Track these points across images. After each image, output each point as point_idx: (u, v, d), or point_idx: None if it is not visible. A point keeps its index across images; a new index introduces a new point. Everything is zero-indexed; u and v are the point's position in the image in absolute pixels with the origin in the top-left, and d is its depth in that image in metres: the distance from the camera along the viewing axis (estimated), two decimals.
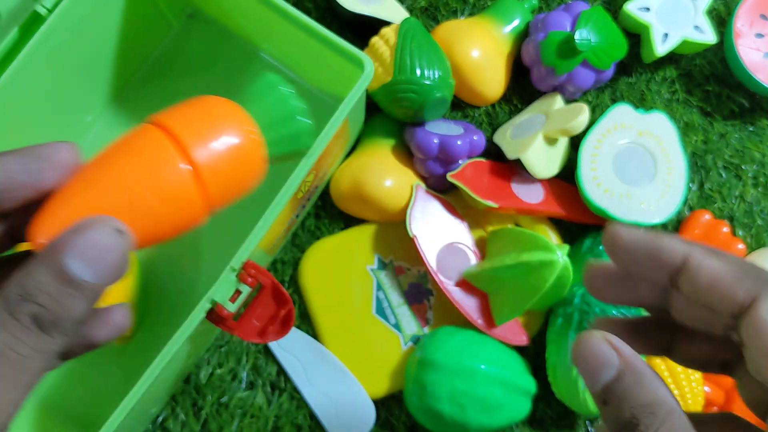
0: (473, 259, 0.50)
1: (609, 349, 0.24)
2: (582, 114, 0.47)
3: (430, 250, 0.49)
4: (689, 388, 0.47)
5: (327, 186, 0.53)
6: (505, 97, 0.55)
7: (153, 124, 0.28)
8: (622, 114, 0.50)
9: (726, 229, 0.51)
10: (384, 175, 0.49)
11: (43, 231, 0.25)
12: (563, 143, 0.51)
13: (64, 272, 0.21)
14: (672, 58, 0.55)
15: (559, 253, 0.44)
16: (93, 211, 0.25)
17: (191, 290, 0.52)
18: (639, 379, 0.23)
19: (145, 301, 0.52)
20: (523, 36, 0.53)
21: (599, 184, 0.48)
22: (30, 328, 0.21)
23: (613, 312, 0.44)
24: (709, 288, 0.24)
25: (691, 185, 0.53)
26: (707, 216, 0.51)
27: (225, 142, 0.29)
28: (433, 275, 0.49)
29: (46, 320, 0.21)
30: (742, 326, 0.23)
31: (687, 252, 0.24)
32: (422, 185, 0.50)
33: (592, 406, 0.45)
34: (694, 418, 0.23)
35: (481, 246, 0.51)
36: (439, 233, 0.49)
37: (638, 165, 0.49)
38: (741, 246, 0.50)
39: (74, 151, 0.25)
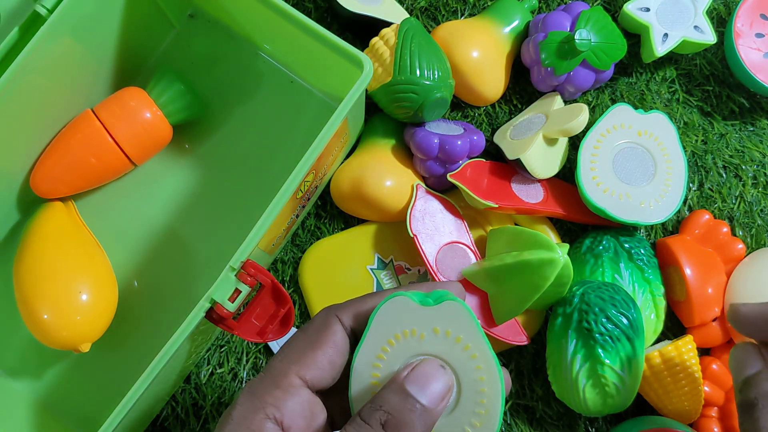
0: (473, 259, 0.50)
1: (758, 354, 0.35)
2: (582, 114, 0.47)
3: (429, 250, 0.49)
4: (689, 387, 0.47)
5: (327, 186, 0.53)
6: (505, 97, 0.55)
7: (91, 110, 0.50)
8: (621, 114, 0.50)
9: (726, 229, 0.51)
10: (384, 175, 0.49)
11: (40, 179, 0.50)
12: (563, 143, 0.51)
13: (404, 390, 0.28)
14: (672, 58, 0.55)
15: (560, 252, 0.44)
16: (63, 165, 0.49)
17: (191, 290, 0.52)
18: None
19: (145, 301, 0.52)
20: (523, 36, 0.53)
21: (599, 184, 0.48)
22: (378, 430, 0.28)
23: (613, 312, 0.44)
24: None
25: (690, 185, 0.53)
26: (707, 216, 0.51)
27: (134, 116, 0.49)
28: (433, 274, 0.49)
29: (391, 424, 0.28)
30: None
31: None
32: (422, 185, 0.50)
33: (591, 405, 0.45)
34: None
35: (481, 245, 0.51)
36: (439, 233, 0.49)
37: (638, 165, 0.49)
38: (741, 246, 0.50)
39: None
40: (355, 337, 0.32)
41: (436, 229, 0.50)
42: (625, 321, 0.44)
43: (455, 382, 0.31)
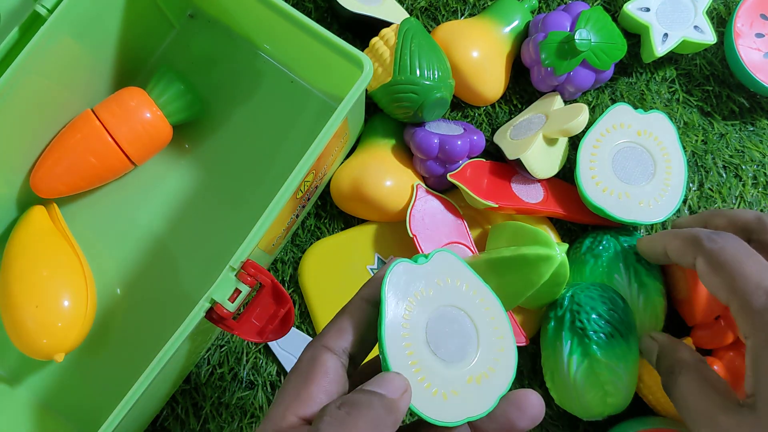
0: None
1: (651, 341, 0.41)
2: (581, 114, 0.47)
3: (429, 250, 0.49)
4: None
5: (327, 186, 0.53)
6: (505, 97, 0.55)
7: (91, 110, 0.50)
8: (621, 114, 0.50)
9: None
10: (384, 175, 0.49)
11: (40, 179, 0.50)
12: (563, 143, 0.51)
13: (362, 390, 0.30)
14: (672, 58, 0.55)
15: (558, 249, 0.44)
16: (63, 165, 0.49)
17: (190, 289, 0.52)
18: (666, 352, 0.39)
19: (145, 300, 0.52)
20: (523, 36, 0.53)
21: (598, 183, 0.48)
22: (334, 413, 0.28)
23: (604, 309, 0.44)
24: None
25: (690, 185, 0.53)
26: None
27: (134, 116, 0.49)
28: None
29: (347, 402, 0.29)
30: None
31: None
32: (422, 185, 0.50)
33: (592, 406, 0.45)
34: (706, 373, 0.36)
35: (481, 244, 0.51)
36: (438, 233, 0.49)
37: (637, 164, 0.49)
38: None
39: (542, 401, 0.31)
40: (349, 358, 0.33)
41: (436, 229, 0.50)
42: (617, 317, 0.44)
43: (473, 327, 0.33)
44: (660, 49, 0.52)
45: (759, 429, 0.30)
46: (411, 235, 0.49)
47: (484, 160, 0.51)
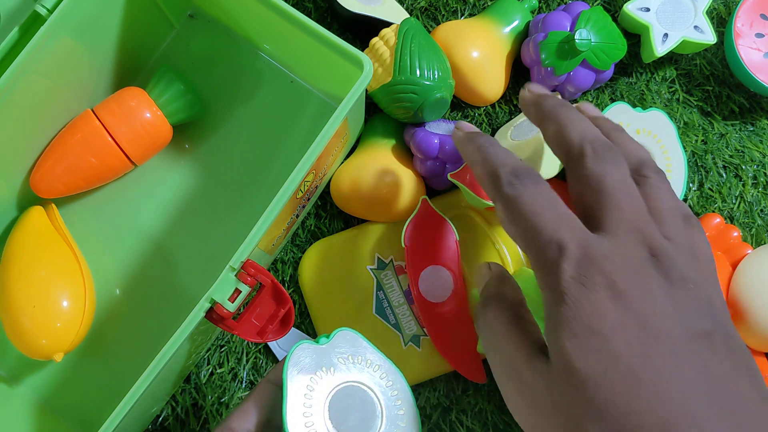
0: (453, 285, 0.49)
1: (487, 269, 0.38)
2: None
3: (416, 265, 0.49)
4: None
5: (327, 186, 0.53)
6: (505, 98, 0.55)
7: (91, 110, 0.50)
8: (619, 113, 0.50)
9: (736, 234, 0.50)
10: (384, 175, 0.49)
11: (40, 179, 0.49)
12: None
13: None
14: (672, 58, 0.55)
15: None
16: (63, 165, 0.49)
17: (191, 289, 0.52)
18: (493, 282, 0.37)
19: (145, 301, 0.52)
20: (523, 36, 0.53)
21: None
22: None
23: None
24: None
25: (691, 185, 0.53)
26: (717, 219, 0.51)
27: (134, 116, 0.49)
28: (413, 287, 0.49)
29: None
30: None
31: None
32: (428, 200, 0.50)
33: None
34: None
35: (480, 247, 0.51)
36: (429, 250, 0.49)
37: None
38: (750, 251, 0.50)
39: None
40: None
41: (427, 247, 0.49)
42: None
43: (375, 402, 0.34)
44: (660, 49, 0.52)
45: (552, 376, 0.29)
46: (403, 246, 0.49)
47: None
